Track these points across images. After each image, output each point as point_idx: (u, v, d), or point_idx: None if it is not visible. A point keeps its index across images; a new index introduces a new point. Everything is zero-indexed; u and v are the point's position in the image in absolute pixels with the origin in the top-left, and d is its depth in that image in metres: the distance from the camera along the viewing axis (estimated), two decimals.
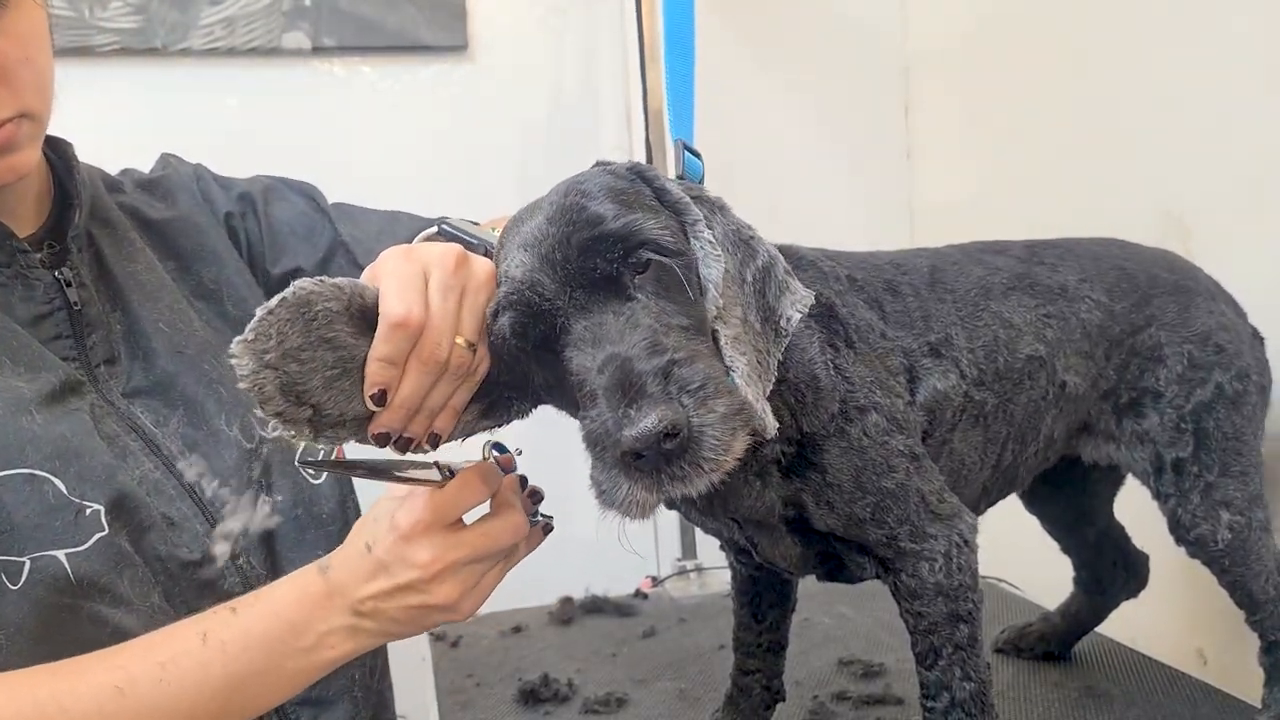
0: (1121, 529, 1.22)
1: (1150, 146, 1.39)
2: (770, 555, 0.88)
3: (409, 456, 0.74)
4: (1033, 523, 1.24)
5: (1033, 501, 1.22)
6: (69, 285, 0.88)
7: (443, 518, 0.74)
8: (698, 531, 1.92)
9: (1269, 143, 1.19)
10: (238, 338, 0.65)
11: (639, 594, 1.64)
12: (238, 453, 0.90)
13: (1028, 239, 1.04)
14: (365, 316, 0.68)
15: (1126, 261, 1.03)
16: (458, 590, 0.75)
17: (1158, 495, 1.00)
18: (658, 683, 1.25)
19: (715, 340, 0.71)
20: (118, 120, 1.68)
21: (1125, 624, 1.28)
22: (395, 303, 0.67)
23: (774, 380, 0.73)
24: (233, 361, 0.65)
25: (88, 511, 0.78)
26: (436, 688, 1.29)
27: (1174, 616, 1.37)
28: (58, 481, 0.77)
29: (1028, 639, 1.25)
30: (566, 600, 1.56)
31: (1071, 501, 1.20)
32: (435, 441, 0.73)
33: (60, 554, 0.77)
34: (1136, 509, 1.16)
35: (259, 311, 0.65)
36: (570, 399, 0.69)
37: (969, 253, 0.99)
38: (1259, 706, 1.02)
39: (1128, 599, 1.23)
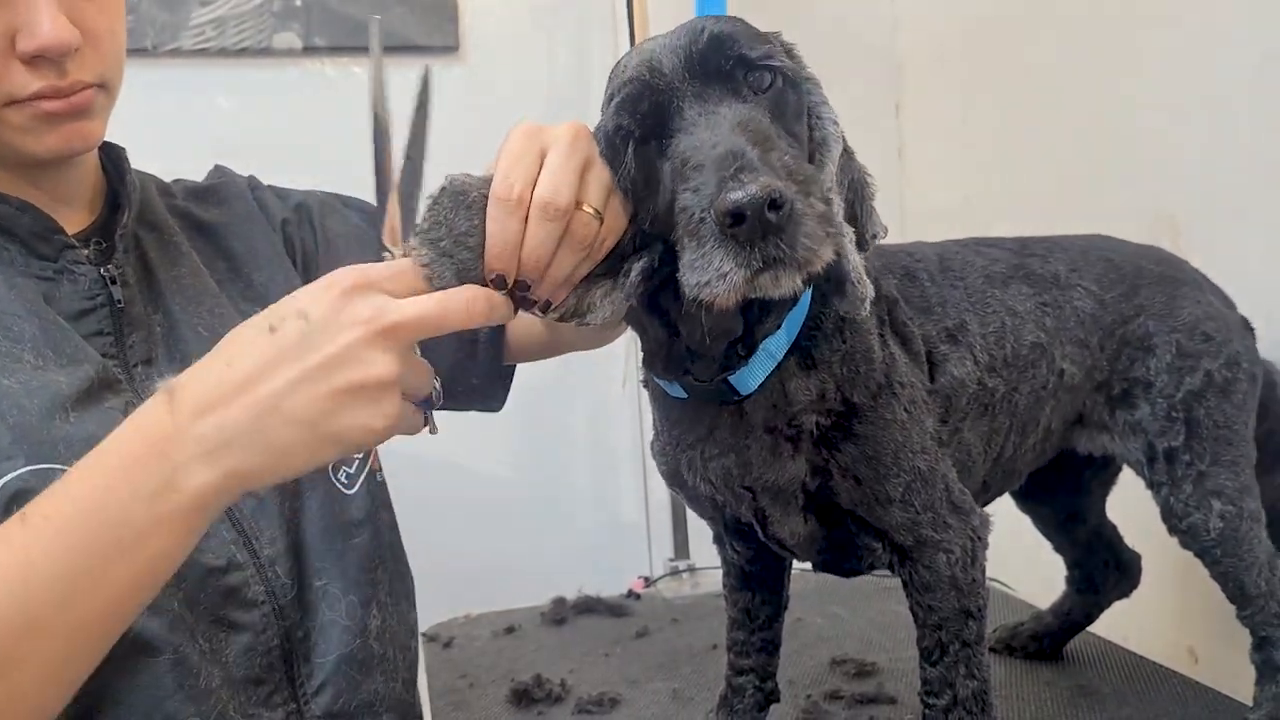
0: (1114, 528, 1.22)
1: (1143, 146, 1.39)
2: (778, 531, 0.86)
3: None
4: (1025, 521, 1.24)
5: (1025, 501, 1.22)
6: (113, 282, 0.87)
7: (395, 288, 0.65)
8: (690, 532, 1.92)
9: (1262, 143, 1.19)
10: (414, 229, 0.66)
11: (631, 594, 1.64)
12: None
13: (1016, 235, 1.04)
14: None
15: (1112, 254, 1.04)
16: (397, 367, 0.62)
17: (1151, 484, 1.00)
18: (651, 683, 1.25)
19: None
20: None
21: (1117, 623, 1.28)
22: (500, 180, 0.66)
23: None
24: (412, 253, 0.66)
25: None
26: (429, 689, 1.29)
27: (1166, 615, 1.38)
28: None
29: (1020, 638, 1.25)
30: (559, 601, 1.56)
31: (1064, 501, 1.20)
32: (546, 308, 0.71)
33: None
34: (1129, 508, 1.16)
35: (425, 202, 0.66)
36: (667, 209, 0.68)
37: (965, 245, 1.00)
38: (1250, 705, 1.02)
39: (1120, 598, 1.23)
